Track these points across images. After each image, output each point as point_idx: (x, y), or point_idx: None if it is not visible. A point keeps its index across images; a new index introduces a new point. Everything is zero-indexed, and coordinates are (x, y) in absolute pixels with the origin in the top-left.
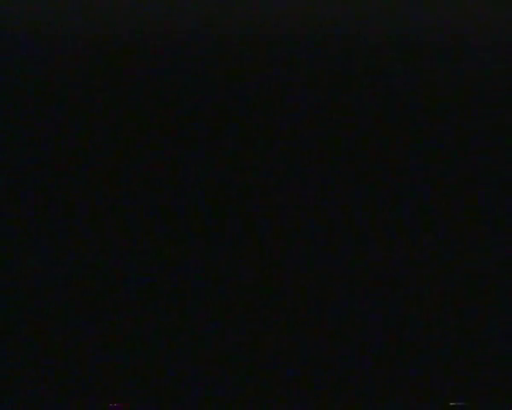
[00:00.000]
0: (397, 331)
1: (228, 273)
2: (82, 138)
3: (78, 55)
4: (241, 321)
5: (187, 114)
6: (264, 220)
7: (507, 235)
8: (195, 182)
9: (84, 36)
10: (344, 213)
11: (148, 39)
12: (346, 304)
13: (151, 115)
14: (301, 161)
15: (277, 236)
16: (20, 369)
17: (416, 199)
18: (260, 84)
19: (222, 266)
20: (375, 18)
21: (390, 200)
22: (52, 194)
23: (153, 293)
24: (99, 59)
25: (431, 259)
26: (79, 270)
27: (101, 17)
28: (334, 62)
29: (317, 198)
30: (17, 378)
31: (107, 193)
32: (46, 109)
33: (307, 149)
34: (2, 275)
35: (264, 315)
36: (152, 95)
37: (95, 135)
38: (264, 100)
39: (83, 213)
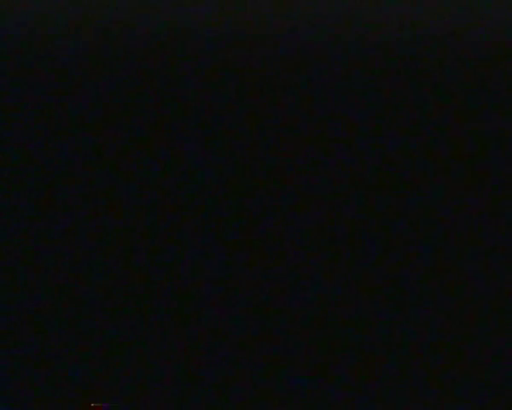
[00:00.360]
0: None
1: (225, 273)
2: (81, 138)
3: (76, 53)
4: (236, 321)
5: (186, 114)
6: (263, 220)
7: (507, 235)
8: (194, 181)
9: (83, 34)
10: (343, 213)
11: (147, 38)
12: (347, 305)
13: (150, 115)
14: (301, 160)
15: (277, 235)
16: (12, 368)
17: (416, 200)
18: (259, 84)
19: (219, 266)
20: (375, 18)
21: (389, 201)
22: (51, 193)
23: (147, 293)
24: (98, 58)
25: (432, 259)
26: (73, 270)
27: (100, 16)
28: (335, 62)
29: (315, 198)
30: (8, 378)
31: (105, 192)
32: (46, 109)
33: (306, 148)
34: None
35: (261, 315)
36: (151, 94)
37: (93, 134)
38: (264, 100)
39: (80, 213)
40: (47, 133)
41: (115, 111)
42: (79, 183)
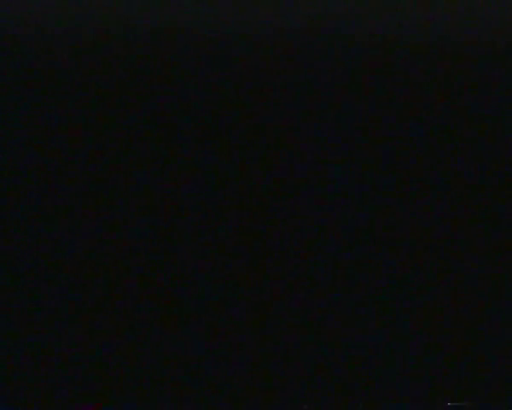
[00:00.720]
0: (398, 332)
1: (225, 273)
2: (80, 138)
3: (75, 53)
4: (236, 321)
5: (185, 114)
6: (262, 222)
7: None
8: (193, 181)
9: (83, 34)
10: (343, 214)
11: (146, 38)
12: (345, 305)
13: (149, 115)
14: (300, 161)
15: (276, 238)
16: (12, 368)
17: (416, 200)
18: (259, 85)
19: (219, 266)
20: (374, 18)
21: (389, 203)
22: (49, 193)
23: (144, 294)
24: (97, 57)
25: (432, 260)
26: (73, 270)
27: (99, 15)
28: (334, 62)
29: (315, 199)
30: (8, 378)
31: (104, 192)
32: (45, 108)
33: (306, 149)
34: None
35: (257, 316)
36: (150, 94)
37: (92, 134)
38: (264, 100)
39: (80, 213)
40: (47, 133)
41: (114, 111)
42: (79, 183)
